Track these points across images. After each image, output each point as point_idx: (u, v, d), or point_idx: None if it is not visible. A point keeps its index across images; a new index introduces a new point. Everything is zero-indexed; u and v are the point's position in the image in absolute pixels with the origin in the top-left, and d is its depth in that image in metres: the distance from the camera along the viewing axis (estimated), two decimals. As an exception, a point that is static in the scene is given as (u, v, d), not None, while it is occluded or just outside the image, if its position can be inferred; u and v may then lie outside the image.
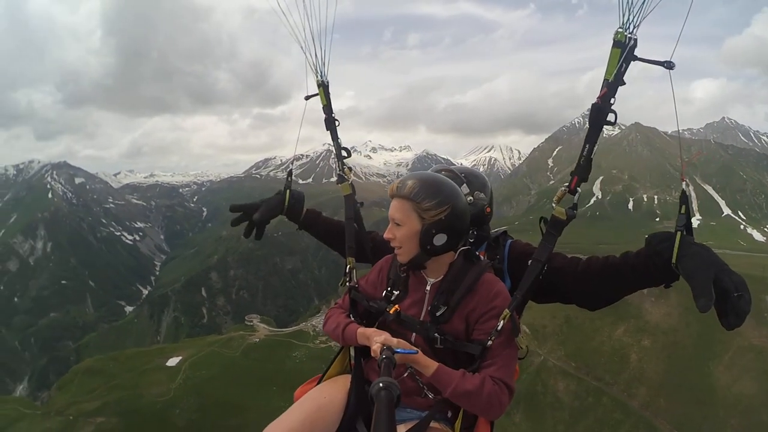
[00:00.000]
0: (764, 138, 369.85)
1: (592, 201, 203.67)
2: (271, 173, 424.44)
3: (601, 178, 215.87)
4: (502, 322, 2.56)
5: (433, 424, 2.66)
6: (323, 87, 3.67)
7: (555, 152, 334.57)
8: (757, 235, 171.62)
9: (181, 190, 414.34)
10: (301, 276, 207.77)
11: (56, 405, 72.24)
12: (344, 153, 3.76)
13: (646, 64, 2.34)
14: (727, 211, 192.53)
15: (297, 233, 3.87)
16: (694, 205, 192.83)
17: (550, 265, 2.78)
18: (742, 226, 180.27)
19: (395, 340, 2.44)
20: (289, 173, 3.84)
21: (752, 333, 69.65)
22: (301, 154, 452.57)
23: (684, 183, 2.39)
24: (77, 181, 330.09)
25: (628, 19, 2.28)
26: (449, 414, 2.77)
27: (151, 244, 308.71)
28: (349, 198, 3.64)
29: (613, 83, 2.38)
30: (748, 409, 59.89)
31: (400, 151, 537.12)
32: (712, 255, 2.22)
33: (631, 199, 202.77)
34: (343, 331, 2.88)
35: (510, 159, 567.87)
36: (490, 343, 2.56)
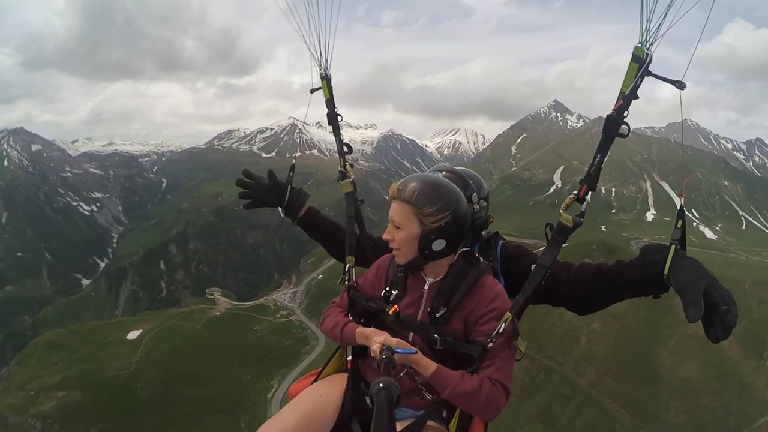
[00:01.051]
0: (723, 142, 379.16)
1: (551, 189, 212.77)
2: (234, 145, 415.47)
3: (562, 167, 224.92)
4: (503, 324, 2.61)
5: (428, 423, 2.76)
6: (326, 80, 3.68)
7: (519, 140, 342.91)
8: (709, 233, 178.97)
9: (140, 159, 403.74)
10: (262, 251, 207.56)
11: (16, 380, 71.79)
12: (346, 149, 3.77)
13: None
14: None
15: (260, 208, 3.77)
16: (650, 200, 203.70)
17: None
18: (695, 224, 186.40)
19: (395, 340, 2.48)
20: (292, 168, 3.92)
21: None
22: (265, 127, 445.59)
23: (682, 200, 2.47)
24: (34, 148, 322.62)
25: (646, 38, 2.34)
26: (445, 414, 2.89)
27: (108, 216, 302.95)
28: (350, 195, 3.65)
29: (628, 96, 2.43)
30: (690, 393, 62.75)
31: (366, 128, 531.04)
32: (702, 269, 2.28)
33: None
34: (341, 330, 2.92)
35: (474, 143, 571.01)
36: (490, 345, 2.61)
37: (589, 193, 2.60)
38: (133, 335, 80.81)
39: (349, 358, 3.17)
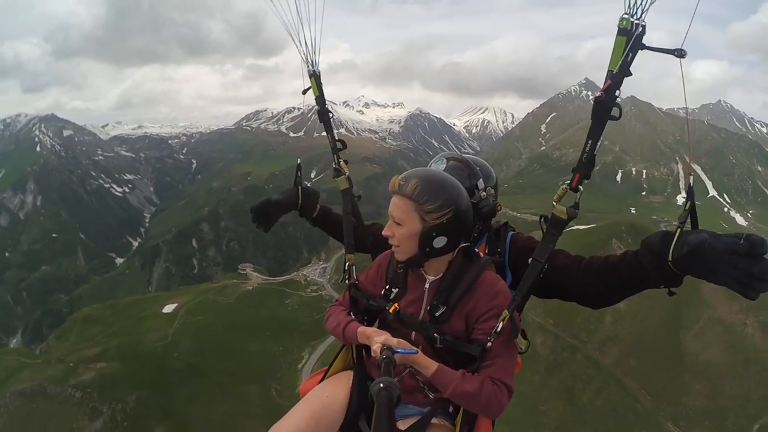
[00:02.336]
0: (758, 126, 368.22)
1: None
2: (262, 125, 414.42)
3: None
4: (501, 323, 2.56)
5: (434, 419, 2.77)
6: (315, 77, 3.59)
7: (549, 119, 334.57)
8: (740, 219, 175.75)
9: (170, 141, 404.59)
10: (291, 229, 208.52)
11: (56, 353, 73.48)
12: (339, 145, 3.69)
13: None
14: (713, 192, 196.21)
15: (288, 186, 3.77)
16: (681, 183, 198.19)
17: (553, 263, 2.78)
18: (725, 209, 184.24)
19: (395, 339, 2.45)
20: (298, 167, 3.91)
21: (723, 307, 71.93)
22: (293, 107, 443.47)
23: (690, 178, 2.30)
24: (65, 133, 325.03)
25: (636, 2, 2.10)
26: (450, 409, 2.88)
27: (140, 196, 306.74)
28: (346, 192, 3.60)
29: (617, 75, 2.21)
30: (712, 377, 62.03)
31: (393, 107, 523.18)
32: (704, 230, 2.14)
33: (620, 170, 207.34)
34: (344, 329, 2.92)
35: (503, 122, 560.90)
36: (489, 344, 2.56)
37: (583, 182, 2.47)
38: (168, 309, 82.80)
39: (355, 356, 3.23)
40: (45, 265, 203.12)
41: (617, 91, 2.25)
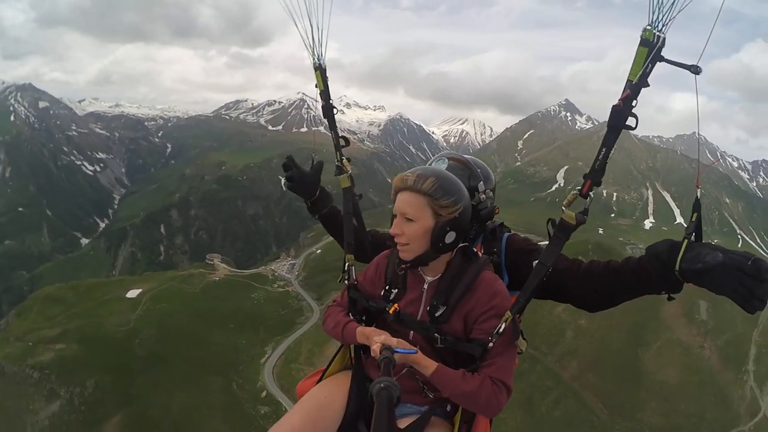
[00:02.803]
0: (729, 160, 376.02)
1: (554, 187, 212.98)
2: (241, 116, 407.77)
3: (566, 167, 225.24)
4: (504, 324, 2.56)
5: (432, 418, 2.78)
6: (320, 70, 3.55)
7: (526, 135, 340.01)
8: None
9: (146, 123, 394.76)
10: (262, 222, 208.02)
11: (15, 331, 72.67)
12: (342, 142, 3.69)
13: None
14: (680, 219, 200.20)
15: (262, 179, 3.68)
16: (650, 209, 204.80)
17: (554, 266, 2.75)
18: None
19: (395, 340, 2.47)
20: (315, 162, 3.94)
21: (682, 330, 76.90)
22: (274, 100, 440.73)
23: (698, 191, 2.28)
24: (41, 105, 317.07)
25: (657, 17, 2.12)
26: (448, 408, 2.88)
27: (111, 177, 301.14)
28: (347, 191, 3.55)
29: (636, 85, 2.22)
30: (668, 396, 64.60)
31: (374, 110, 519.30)
32: (711, 244, 2.19)
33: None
34: (342, 330, 2.93)
35: (481, 134, 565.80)
36: (491, 344, 2.57)
37: (593, 189, 2.49)
38: (132, 294, 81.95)
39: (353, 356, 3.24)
40: (8, 239, 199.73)
41: (634, 102, 2.25)
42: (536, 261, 2.72)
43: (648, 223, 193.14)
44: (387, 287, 2.93)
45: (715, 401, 64.61)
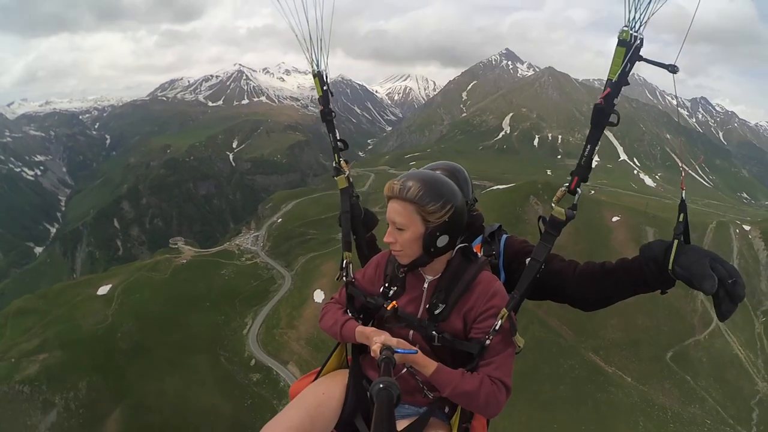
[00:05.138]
0: (668, 98, 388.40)
1: (500, 135, 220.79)
2: (179, 95, 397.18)
3: (511, 114, 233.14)
4: (500, 321, 2.58)
5: (431, 420, 2.79)
6: (318, 77, 3.58)
7: (470, 86, 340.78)
8: (648, 181, 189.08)
9: (81, 117, 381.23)
10: (216, 201, 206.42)
11: (-6, 352, 71.38)
12: (341, 145, 3.65)
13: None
14: (623, 156, 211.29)
15: (210, 157, 3.81)
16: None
17: (549, 267, 2.84)
18: (635, 171, 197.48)
19: (395, 339, 2.46)
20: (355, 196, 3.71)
21: (631, 253, 75.39)
22: (210, 75, 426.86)
23: (683, 192, 2.39)
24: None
25: (634, 17, 2.15)
26: (447, 410, 2.89)
27: (53, 178, 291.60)
28: (344, 191, 3.58)
29: (616, 83, 2.32)
30: (625, 313, 68.01)
31: None
32: (704, 250, 2.25)
33: (537, 136, 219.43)
34: (341, 328, 2.94)
35: (425, 89, 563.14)
36: (488, 342, 2.58)
37: (581, 184, 2.57)
38: (103, 290, 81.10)
39: (350, 356, 3.27)
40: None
41: (615, 99, 2.39)
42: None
43: (594, 162, 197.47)
44: (386, 285, 3.00)
45: (669, 315, 69.06)
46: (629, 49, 2.21)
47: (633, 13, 2.16)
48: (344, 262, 3.32)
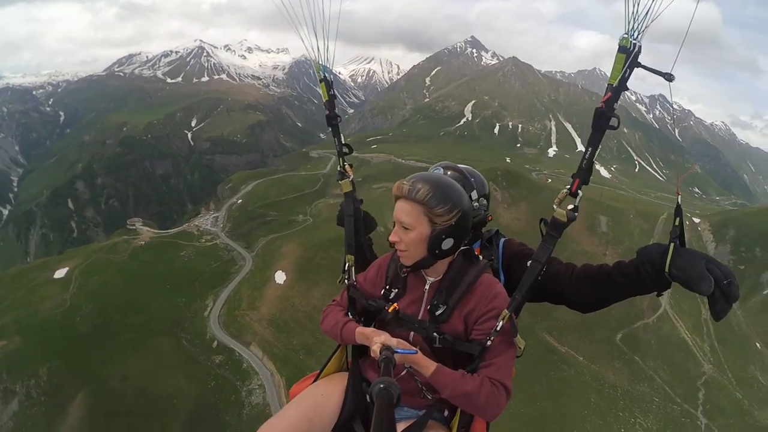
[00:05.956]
0: (628, 93, 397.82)
1: (462, 121, 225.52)
2: (136, 71, 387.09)
3: (473, 101, 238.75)
4: (501, 322, 2.60)
5: (430, 422, 2.79)
6: (325, 82, 3.56)
7: (433, 72, 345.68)
8: (604, 172, 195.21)
9: (34, 92, 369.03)
10: (173, 181, 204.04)
11: (-51, 344, 69.34)
12: (346, 150, 3.65)
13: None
14: (581, 147, 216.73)
15: (167, 135, 3.80)
16: (553, 138, 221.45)
17: (547, 270, 2.82)
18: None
19: (395, 340, 2.46)
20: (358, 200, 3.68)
21: (586, 240, 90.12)
22: (170, 51, 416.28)
23: (678, 197, 2.38)
24: None
25: (633, 26, 2.24)
26: (446, 413, 2.91)
27: (5, 158, 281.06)
28: (349, 195, 3.58)
29: (617, 88, 2.36)
30: None
31: (278, 53, 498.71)
32: (699, 252, 2.30)
33: (498, 124, 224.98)
34: (341, 329, 2.95)
35: (389, 73, 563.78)
36: (489, 343, 2.60)
37: (582, 186, 2.58)
38: (60, 274, 79.54)
39: (350, 358, 3.27)
40: None
41: (615, 103, 2.42)
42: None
43: (552, 152, 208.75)
44: (387, 287, 3.02)
45: (618, 297, 74.21)
46: (629, 55, 2.28)
47: (632, 23, 2.25)
48: (346, 264, 3.33)
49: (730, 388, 73.15)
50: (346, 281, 3.25)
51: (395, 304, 2.84)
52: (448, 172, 3.39)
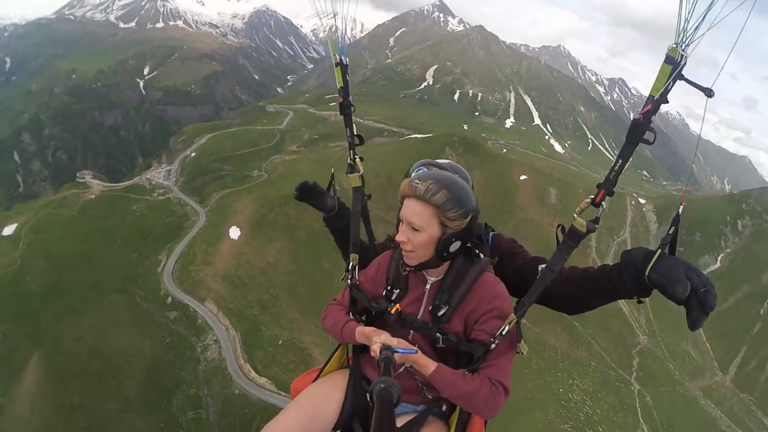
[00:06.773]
0: (588, 73, 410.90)
1: (422, 85, 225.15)
2: (88, 14, 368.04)
3: (435, 66, 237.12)
4: (507, 326, 2.58)
5: (429, 417, 2.81)
6: (341, 66, 3.38)
7: (398, 33, 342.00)
8: (558, 147, 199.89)
9: None
10: (123, 132, 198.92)
11: None
12: (357, 141, 3.50)
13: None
14: (538, 121, 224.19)
15: (118, 84, 3.81)
16: (512, 110, 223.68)
17: (534, 271, 2.84)
18: (547, 137, 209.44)
19: (395, 339, 2.48)
20: (332, 178, 3.64)
21: (535, 210, 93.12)
22: None
23: (681, 208, 2.26)
24: None
25: (682, 38, 2.09)
26: (444, 408, 2.91)
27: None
28: (357, 190, 3.45)
29: (657, 101, 2.21)
30: None
31: (237, 1, 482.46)
32: (680, 259, 2.21)
33: (458, 91, 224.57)
34: (342, 329, 2.95)
35: (352, 30, 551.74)
36: (493, 345, 2.59)
37: (606, 198, 2.42)
38: (8, 231, 77.89)
39: (350, 355, 3.26)
40: None
41: (653, 117, 2.29)
42: (522, 266, 3.03)
43: (509, 123, 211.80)
44: (389, 288, 3.01)
45: (566, 270, 79.17)
46: (675, 67, 2.15)
47: (682, 35, 2.13)
48: (350, 264, 3.30)
49: (663, 359, 78.47)
50: (348, 281, 3.25)
51: (397, 305, 2.88)
52: (433, 168, 3.28)
